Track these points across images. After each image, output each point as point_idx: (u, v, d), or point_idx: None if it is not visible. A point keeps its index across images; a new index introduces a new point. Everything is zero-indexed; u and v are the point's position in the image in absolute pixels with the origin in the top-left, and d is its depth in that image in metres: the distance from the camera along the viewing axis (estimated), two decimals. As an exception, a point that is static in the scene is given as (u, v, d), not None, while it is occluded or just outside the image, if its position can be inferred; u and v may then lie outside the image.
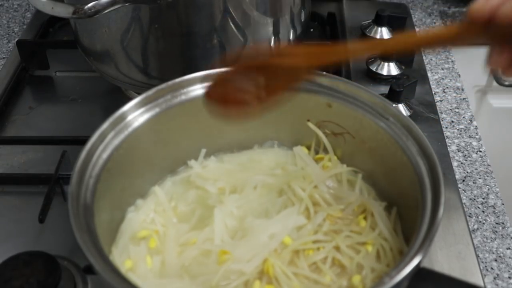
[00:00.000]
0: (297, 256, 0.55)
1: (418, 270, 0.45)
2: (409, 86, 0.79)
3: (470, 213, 0.69)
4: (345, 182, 0.62)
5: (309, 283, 0.54)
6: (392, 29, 0.92)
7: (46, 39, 0.96)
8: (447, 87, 0.88)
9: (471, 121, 0.82)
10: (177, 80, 0.61)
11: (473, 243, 0.64)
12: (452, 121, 0.82)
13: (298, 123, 0.65)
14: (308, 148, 0.66)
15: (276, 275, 0.53)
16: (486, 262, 0.64)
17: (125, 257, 0.56)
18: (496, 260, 0.64)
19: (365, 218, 0.59)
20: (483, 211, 0.70)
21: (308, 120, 0.64)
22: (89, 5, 0.62)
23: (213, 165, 0.65)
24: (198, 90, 0.61)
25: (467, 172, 0.74)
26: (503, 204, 0.71)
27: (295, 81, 0.50)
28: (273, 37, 0.77)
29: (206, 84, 0.60)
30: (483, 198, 0.71)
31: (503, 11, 0.44)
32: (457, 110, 0.84)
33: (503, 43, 0.46)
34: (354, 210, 0.59)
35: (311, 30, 0.98)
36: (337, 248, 0.56)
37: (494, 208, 0.70)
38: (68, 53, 0.90)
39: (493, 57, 0.47)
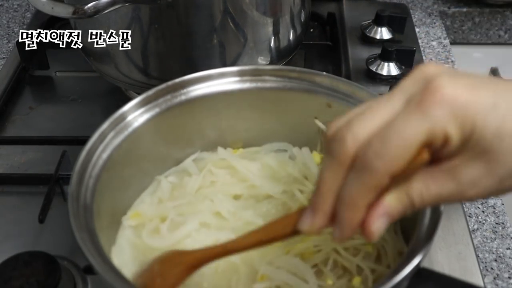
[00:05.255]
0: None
1: (418, 270, 0.45)
2: (409, 86, 0.79)
3: (470, 213, 0.69)
4: (345, 182, 0.62)
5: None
6: (392, 29, 0.92)
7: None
8: (447, 87, 0.88)
9: (471, 121, 0.82)
10: (177, 80, 0.61)
11: (473, 243, 0.64)
12: (452, 121, 0.82)
13: (298, 123, 0.65)
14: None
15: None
16: (486, 262, 0.64)
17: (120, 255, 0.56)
18: (496, 260, 0.64)
19: (365, 219, 0.58)
20: (483, 211, 0.70)
21: (316, 118, 0.63)
22: (89, 5, 0.62)
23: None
24: (198, 90, 0.61)
25: (467, 172, 0.74)
26: (503, 204, 0.71)
27: None
28: (273, 37, 0.77)
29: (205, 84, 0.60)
30: (483, 198, 0.71)
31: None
32: (457, 110, 0.84)
33: None
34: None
35: (311, 30, 0.98)
36: (337, 250, 0.55)
37: (494, 208, 0.70)
38: (68, 53, 0.90)
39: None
